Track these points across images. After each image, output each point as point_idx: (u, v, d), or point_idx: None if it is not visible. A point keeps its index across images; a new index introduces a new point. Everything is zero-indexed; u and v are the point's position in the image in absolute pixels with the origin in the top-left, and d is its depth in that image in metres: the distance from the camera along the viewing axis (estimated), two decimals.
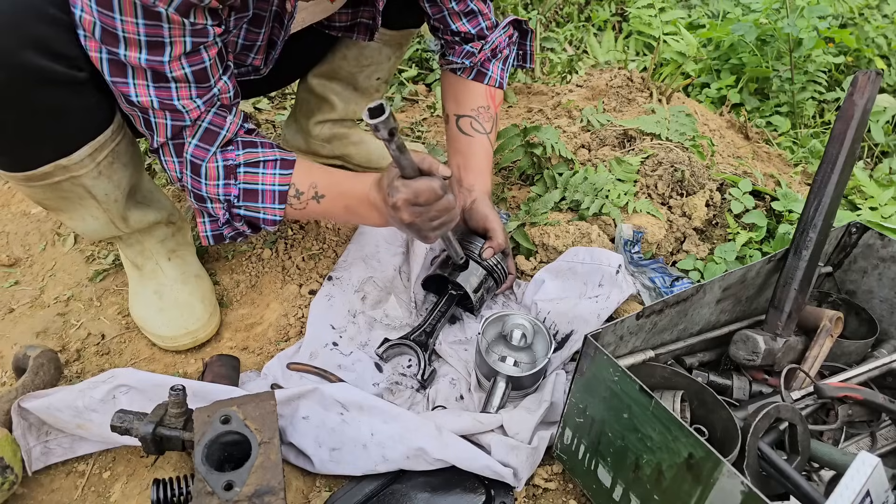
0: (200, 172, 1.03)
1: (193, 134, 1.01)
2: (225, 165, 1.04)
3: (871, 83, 1.06)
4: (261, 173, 1.06)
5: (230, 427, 0.88)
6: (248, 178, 1.06)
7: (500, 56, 1.41)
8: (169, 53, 0.89)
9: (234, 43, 1.09)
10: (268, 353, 1.27)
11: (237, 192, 1.06)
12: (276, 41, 1.14)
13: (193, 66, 0.93)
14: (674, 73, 2.48)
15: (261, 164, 1.06)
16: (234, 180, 1.05)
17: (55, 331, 1.32)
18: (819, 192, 1.09)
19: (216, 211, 1.07)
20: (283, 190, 1.07)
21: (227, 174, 1.04)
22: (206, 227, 1.12)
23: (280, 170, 1.07)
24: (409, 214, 1.01)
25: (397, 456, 1.02)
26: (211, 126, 1.01)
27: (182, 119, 0.97)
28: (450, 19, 1.32)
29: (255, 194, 1.07)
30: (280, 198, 1.07)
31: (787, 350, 1.11)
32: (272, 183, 1.07)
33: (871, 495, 0.80)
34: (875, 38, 2.56)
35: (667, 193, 1.56)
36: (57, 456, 1.07)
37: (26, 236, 1.57)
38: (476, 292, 1.31)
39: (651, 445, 0.84)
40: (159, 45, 0.88)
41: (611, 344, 1.00)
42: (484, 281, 1.32)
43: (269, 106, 2.17)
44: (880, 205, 1.66)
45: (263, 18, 1.06)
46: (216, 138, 1.02)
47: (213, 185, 1.04)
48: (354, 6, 1.30)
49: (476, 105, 1.40)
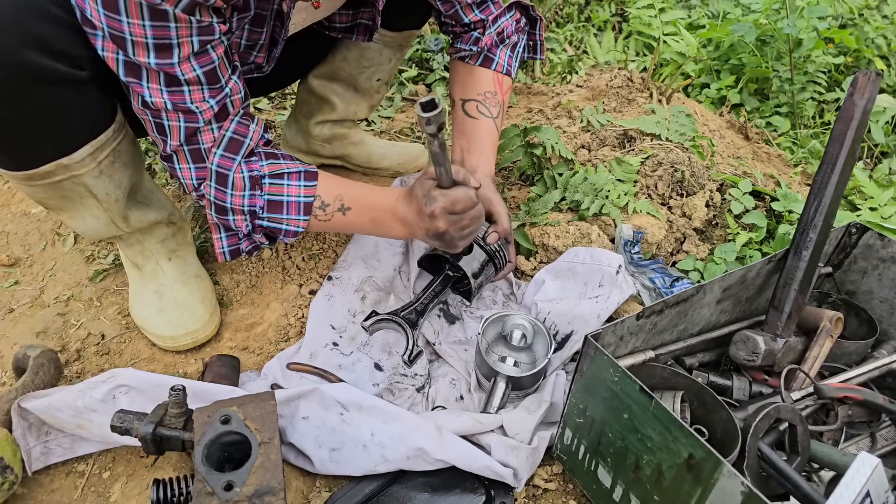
0: (227, 183, 1.03)
1: (218, 144, 1.00)
2: (251, 176, 1.04)
3: (871, 84, 1.06)
4: (286, 185, 1.06)
5: (230, 427, 0.88)
6: (273, 190, 1.06)
7: (507, 42, 1.39)
8: (178, 55, 0.89)
9: (238, 43, 1.09)
10: (268, 353, 1.27)
11: (262, 204, 1.06)
12: (277, 39, 1.14)
13: (204, 66, 0.93)
14: (674, 74, 2.48)
15: (285, 175, 1.06)
16: (260, 191, 1.05)
17: (55, 331, 1.32)
18: (819, 192, 1.09)
19: (238, 224, 1.07)
20: (309, 201, 1.07)
21: (254, 185, 1.04)
22: (223, 243, 1.11)
23: (305, 181, 1.07)
24: (444, 223, 1.06)
25: (397, 456, 1.03)
26: (235, 135, 1.01)
27: (195, 121, 0.97)
28: (462, 12, 1.31)
29: (280, 206, 1.07)
30: (305, 209, 1.07)
31: (787, 350, 1.11)
32: (297, 195, 1.07)
33: (871, 496, 0.80)
34: (875, 39, 2.57)
35: (667, 194, 1.56)
36: (57, 456, 1.07)
37: (26, 236, 1.57)
38: (476, 277, 1.29)
39: (651, 446, 0.84)
40: (167, 48, 0.87)
41: (611, 344, 1.00)
42: (485, 266, 1.30)
43: (269, 106, 2.17)
44: (880, 205, 1.66)
45: (265, 18, 1.07)
46: (241, 147, 1.02)
47: (240, 195, 1.04)
48: (354, 7, 1.30)
49: (483, 90, 1.39)
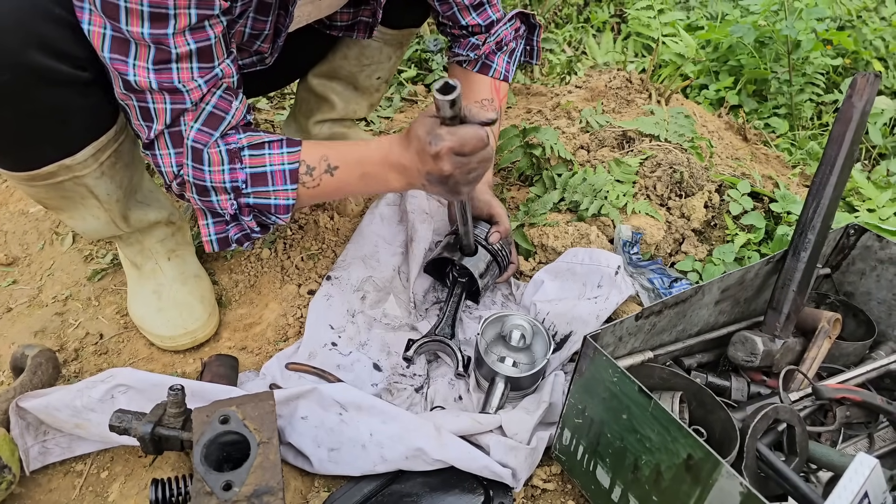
0: (203, 158, 0.96)
1: (196, 118, 0.94)
2: (228, 149, 0.97)
3: (870, 85, 1.06)
4: (267, 154, 0.99)
5: (229, 427, 0.88)
6: (254, 162, 0.99)
7: (505, 49, 1.40)
8: (173, 26, 0.84)
9: (241, 32, 1.08)
10: (266, 353, 1.27)
11: (244, 177, 0.99)
12: (281, 29, 1.13)
13: (199, 42, 0.88)
14: (672, 75, 2.48)
15: (266, 144, 1.00)
16: (240, 163, 0.98)
17: (53, 330, 1.32)
18: (818, 193, 1.09)
19: (223, 204, 1.00)
20: (294, 168, 0.99)
21: (232, 158, 0.98)
22: (209, 230, 1.04)
23: (287, 148, 1.00)
24: (450, 165, 0.93)
25: (396, 456, 1.02)
26: (216, 110, 0.96)
27: (182, 101, 0.92)
28: (459, 15, 1.31)
29: (265, 177, 0.99)
30: (291, 177, 0.99)
31: (785, 351, 1.11)
32: (281, 162, 0.99)
33: (868, 496, 0.80)
34: (873, 41, 2.57)
35: (665, 194, 1.56)
36: (55, 456, 1.07)
37: (24, 235, 1.57)
38: (482, 278, 1.30)
39: (650, 446, 0.85)
40: (163, 17, 0.83)
41: (610, 345, 1.00)
42: (489, 266, 1.31)
43: (268, 106, 2.17)
44: (878, 206, 1.66)
45: (270, 6, 1.06)
46: (220, 123, 0.96)
47: (218, 170, 0.97)
48: (356, 5, 1.30)
49: (480, 97, 1.39)
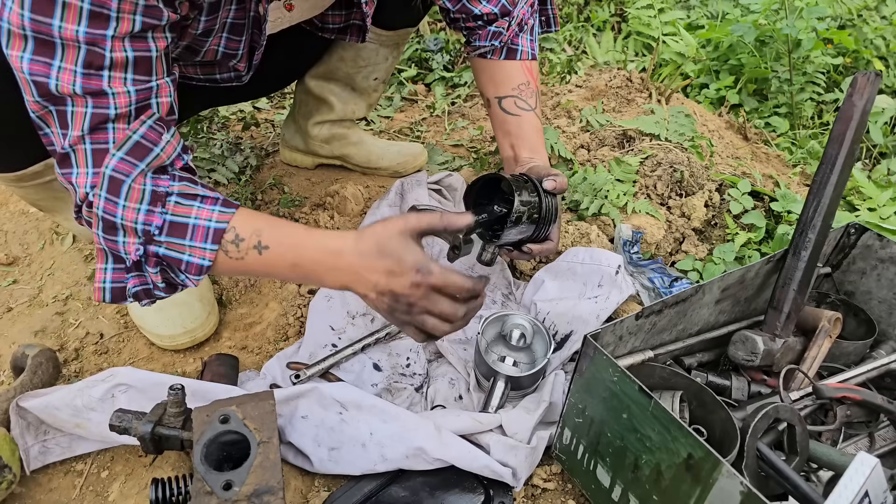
0: (120, 191, 0.84)
1: (120, 146, 0.83)
2: (153, 190, 0.86)
3: (871, 84, 1.06)
4: (196, 206, 0.88)
5: (229, 426, 0.88)
6: (178, 210, 0.87)
7: (526, 28, 1.34)
8: (113, 28, 0.77)
9: (215, 51, 1.05)
10: (266, 353, 1.27)
11: (161, 223, 0.87)
12: (255, 47, 1.10)
13: (137, 51, 0.80)
14: (673, 74, 2.48)
15: (199, 197, 0.89)
16: (162, 208, 0.87)
17: (53, 330, 1.32)
18: (818, 192, 1.09)
19: (128, 247, 0.87)
20: (220, 228, 0.88)
21: (154, 200, 0.86)
22: (105, 276, 0.90)
23: (221, 207, 0.89)
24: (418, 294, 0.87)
25: (396, 455, 1.02)
26: (144, 140, 0.85)
27: (106, 105, 0.81)
28: (470, 5, 1.26)
29: (184, 228, 0.87)
30: (214, 236, 0.87)
31: (785, 351, 1.11)
32: (208, 218, 0.88)
33: (869, 496, 0.80)
34: (873, 40, 2.57)
35: (666, 194, 1.56)
36: (55, 455, 1.07)
37: (24, 235, 1.57)
38: (523, 206, 1.08)
39: (650, 445, 0.84)
40: (104, 18, 0.75)
41: (610, 344, 1.00)
42: (532, 208, 1.10)
43: (268, 105, 2.17)
44: (879, 206, 1.66)
45: (243, 26, 1.03)
46: (146, 155, 0.86)
47: (133, 207, 0.85)
48: (347, 8, 1.29)
49: (516, 83, 1.33)
